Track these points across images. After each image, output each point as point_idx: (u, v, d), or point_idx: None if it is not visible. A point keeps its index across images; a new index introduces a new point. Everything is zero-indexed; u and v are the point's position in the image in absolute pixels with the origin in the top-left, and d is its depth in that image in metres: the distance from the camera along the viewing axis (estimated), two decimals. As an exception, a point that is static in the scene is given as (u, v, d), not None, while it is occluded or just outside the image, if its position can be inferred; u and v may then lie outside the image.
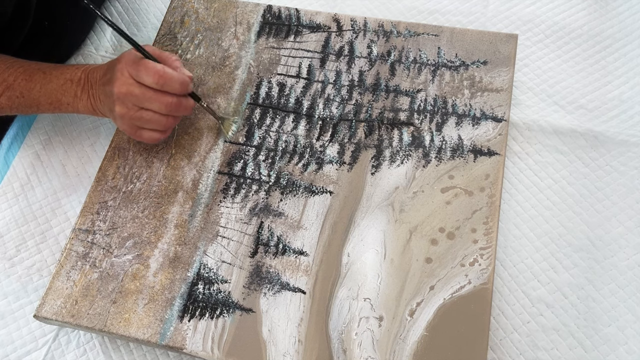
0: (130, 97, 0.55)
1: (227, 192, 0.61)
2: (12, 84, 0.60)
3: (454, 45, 0.66)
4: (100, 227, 0.60)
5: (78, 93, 0.60)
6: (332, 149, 0.62)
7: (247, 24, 0.70)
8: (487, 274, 0.54)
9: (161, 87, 0.55)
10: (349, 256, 0.56)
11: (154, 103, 0.56)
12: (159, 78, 0.54)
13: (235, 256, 0.57)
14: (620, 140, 0.65)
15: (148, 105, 0.56)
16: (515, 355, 0.56)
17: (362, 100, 0.64)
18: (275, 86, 0.66)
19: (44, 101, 0.61)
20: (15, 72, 0.60)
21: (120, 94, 0.55)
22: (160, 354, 0.59)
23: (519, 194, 0.63)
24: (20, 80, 0.60)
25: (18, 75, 0.60)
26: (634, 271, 0.59)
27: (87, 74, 0.60)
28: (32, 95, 0.60)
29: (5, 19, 0.62)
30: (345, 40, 0.68)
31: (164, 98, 0.56)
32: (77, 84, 0.60)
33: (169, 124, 0.58)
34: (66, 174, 0.69)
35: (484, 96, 0.63)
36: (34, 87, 0.60)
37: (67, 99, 0.60)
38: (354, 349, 0.52)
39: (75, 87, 0.60)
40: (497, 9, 0.75)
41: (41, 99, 0.60)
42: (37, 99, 0.60)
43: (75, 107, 0.61)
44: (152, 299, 0.55)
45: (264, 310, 0.54)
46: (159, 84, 0.55)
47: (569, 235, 0.61)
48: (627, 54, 0.70)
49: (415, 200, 0.58)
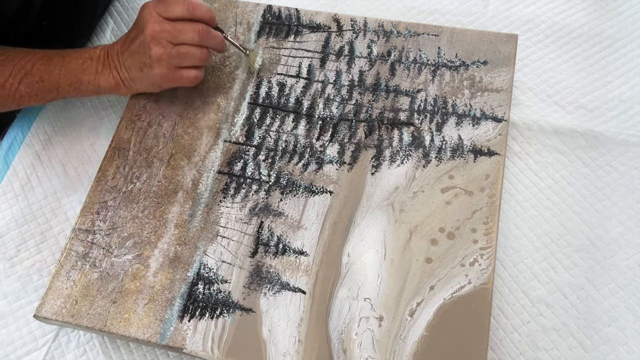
0: (164, 33, 0.57)
1: (227, 192, 0.60)
2: (31, 70, 0.60)
3: (454, 45, 0.66)
4: (100, 227, 0.60)
5: (99, 69, 0.61)
6: (332, 148, 0.62)
7: (247, 23, 0.70)
8: (487, 274, 0.54)
9: (191, 15, 0.57)
10: (349, 256, 0.56)
11: (187, 33, 0.57)
12: (189, 5, 0.57)
13: (235, 256, 0.57)
14: (620, 140, 0.65)
15: (182, 37, 0.57)
16: (515, 355, 0.56)
17: (362, 100, 0.64)
18: (275, 86, 0.66)
19: (64, 82, 0.61)
20: (32, 59, 0.61)
21: (155, 33, 0.57)
22: (160, 354, 0.59)
23: (519, 194, 0.63)
24: (39, 65, 0.61)
25: (36, 61, 0.61)
26: (634, 271, 0.59)
27: (106, 51, 0.61)
28: (52, 78, 0.61)
29: (5, 20, 0.62)
30: (345, 40, 0.68)
31: (195, 26, 0.58)
32: (97, 61, 0.61)
33: (203, 56, 0.60)
34: (66, 174, 0.69)
35: (484, 96, 0.63)
36: (53, 69, 0.61)
37: (88, 77, 0.61)
38: (354, 349, 0.52)
39: (96, 63, 0.61)
40: (497, 9, 0.75)
41: (61, 80, 0.61)
42: (56, 81, 0.61)
43: (96, 85, 0.61)
44: (152, 299, 0.55)
45: (264, 310, 0.54)
46: (189, 11, 0.57)
47: (569, 235, 0.61)
48: (627, 54, 0.70)
49: (416, 200, 0.58)
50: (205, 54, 0.60)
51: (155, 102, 0.66)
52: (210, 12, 0.59)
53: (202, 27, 0.58)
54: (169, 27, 0.57)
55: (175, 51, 0.58)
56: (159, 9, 0.57)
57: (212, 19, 0.60)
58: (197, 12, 0.58)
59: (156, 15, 0.57)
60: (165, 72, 0.59)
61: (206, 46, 0.60)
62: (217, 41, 0.61)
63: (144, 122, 0.65)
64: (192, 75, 0.60)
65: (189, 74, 0.60)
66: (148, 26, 0.57)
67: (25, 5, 0.63)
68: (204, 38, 0.59)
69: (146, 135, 0.65)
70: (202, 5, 0.58)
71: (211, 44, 0.60)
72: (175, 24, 0.57)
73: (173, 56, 0.58)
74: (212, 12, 0.60)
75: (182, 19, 0.58)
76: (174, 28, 0.57)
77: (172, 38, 0.57)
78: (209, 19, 0.59)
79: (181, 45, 0.58)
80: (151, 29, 0.57)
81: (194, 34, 0.58)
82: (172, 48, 0.58)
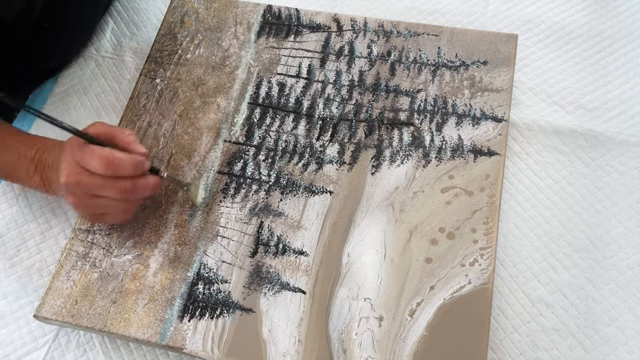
0: (80, 186, 0.51)
1: (227, 191, 0.60)
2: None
3: (454, 45, 0.66)
4: (100, 227, 0.60)
5: (31, 172, 0.56)
6: (332, 148, 0.62)
7: (247, 23, 0.70)
8: (487, 274, 0.54)
9: (111, 174, 0.50)
10: (349, 256, 0.56)
11: (106, 191, 0.51)
12: (107, 165, 0.49)
13: (235, 256, 0.57)
14: (620, 140, 0.65)
15: (101, 192, 0.51)
16: (515, 355, 0.56)
17: (362, 100, 0.64)
18: (275, 86, 0.66)
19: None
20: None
21: (70, 184, 0.51)
22: (160, 354, 0.59)
23: (519, 194, 0.63)
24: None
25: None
26: (634, 271, 0.59)
27: (40, 155, 0.56)
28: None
29: (6, 25, 0.62)
30: (345, 40, 0.68)
31: (116, 184, 0.50)
32: (30, 162, 0.56)
33: (129, 207, 0.54)
34: (66, 174, 0.69)
35: (484, 96, 0.63)
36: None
37: (21, 175, 0.57)
38: (354, 349, 0.52)
39: (28, 165, 0.56)
40: (497, 9, 0.75)
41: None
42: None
43: (29, 184, 0.58)
44: (152, 299, 0.55)
45: (264, 310, 0.54)
46: (108, 171, 0.49)
47: (569, 235, 0.61)
48: (627, 54, 0.70)
49: (415, 200, 0.58)
50: (131, 206, 0.55)
51: (156, 102, 0.66)
52: (135, 165, 0.50)
53: (126, 186, 0.51)
54: (86, 180, 0.50)
55: (92, 202, 0.52)
56: (78, 157, 0.50)
57: (139, 171, 0.51)
58: (119, 171, 0.50)
59: (74, 165, 0.50)
60: (84, 216, 0.55)
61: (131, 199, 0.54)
62: (149, 189, 0.53)
63: (144, 122, 0.65)
64: (117, 220, 0.56)
65: (113, 219, 0.55)
66: (63, 175, 0.51)
67: (26, 10, 0.63)
68: (128, 195, 0.52)
69: (146, 135, 0.65)
70: (123, 162, 0.50)
71: (138, 196, 0.53)
72: (94, 179, 0.50)
73: (90, 206, 0.53)
74: (139, 163, 0.51)
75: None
76: (92, 182, 0.50)
77: (89, 190, 0.51)
78: (134, 174, 0.51)
79: (100, 198, 0.51)
80: (66, 179, 0.50)
81: (113, 192, 0.51)
82: (90, 199, 0.52)
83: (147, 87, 0.68)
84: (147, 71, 0.69)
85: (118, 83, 0.74)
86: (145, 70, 0.69)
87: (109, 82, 0.74)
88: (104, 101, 0.73)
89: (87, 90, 0.74)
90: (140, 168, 0.51)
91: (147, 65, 0.69)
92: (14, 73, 0.70)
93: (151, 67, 0.69)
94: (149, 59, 0.70)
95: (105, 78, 0.75)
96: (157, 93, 0.67)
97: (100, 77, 0.75)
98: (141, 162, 0.51)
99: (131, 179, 0.51)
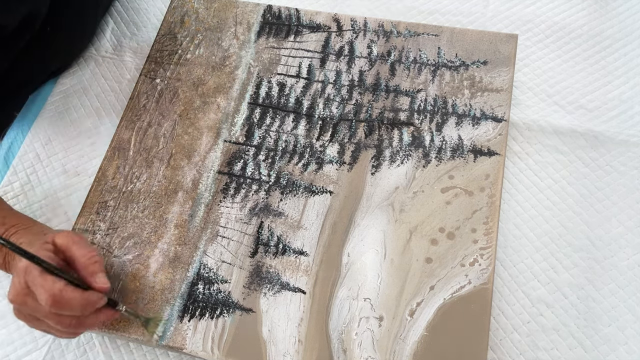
0: (25, 307, 0.48)
1: (227, 192, 0.60)
2: None
3: (454, 45, 0.66)
4: (100, 227, 0.60)
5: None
6: (332, 148, 0.62)
7: (247, 23, 0.70)
8: (487, 274, 0.54)
9: (56, 312, 0.46)
10: (349, 256, 0.56)
11: (50, 320, 0.48)
12: (53, 302, 0.45)
13: (235, 256, 0.57)
14: (620, 140, 0.65)
15: (45, 319, 0.48)
16: (515, 355, 0.56)
17: (362, 100, 0.64)
18: (275, 86, 0.66)
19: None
20: None
21: (15, 303, 0.48)
22: (160, 354, 0.59)
23: (519, 194, 0.63)
24: None
25: None
26: (634, 271, 0.59)
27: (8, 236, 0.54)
28: None
29: (8, 31, 0.61)
30: (345, 40, 0.68)
31: (61, 319, 0.47)
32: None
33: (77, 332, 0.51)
34: (66, 174, 0.69)
35: (484, 96, 0.63)
36: None
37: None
38: (354, 349, 0.52)
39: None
40: (497, 9, 0.75)
41: None
42: None
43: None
44: (152, 299, 0.55)
45: (264, 310, 0.54)
46: (53, 308, 0.46)
47: (569, 235, 0.61)
48: (627, 54, 0.70)
49: (415, 200, 0.58)
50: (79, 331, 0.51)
51: (156, 102, 0.66)
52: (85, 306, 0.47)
53: (71, 322, 0.48)
54: (32, 305, 0.47)
55: (36, 324, 0.49)
56: (29, 280, 0.46)
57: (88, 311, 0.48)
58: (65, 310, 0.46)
59: (24, 285, 0.47)
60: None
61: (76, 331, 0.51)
62: (98, 324, 0.51)
63: (144, 122, 0.65)
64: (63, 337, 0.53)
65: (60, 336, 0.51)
66: (11, 292, 0.48)
67: (29, 17, 0.62)
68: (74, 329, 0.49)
69: (146, 135, 0.65)
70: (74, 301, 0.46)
71: (86, 329, 0.51)
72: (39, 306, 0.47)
73: (34, 325, 0.50)
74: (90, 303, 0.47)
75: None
76: (37, 308, 0.47)
77: (33, 313, 0.48)
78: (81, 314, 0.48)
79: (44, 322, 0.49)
80: (12, 298, 0.48)
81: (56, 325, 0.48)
82: (34, 320, 0.49)
83: (147, 87, 0.68)
84: (147, 71, 0.69)
85: (118, 83, 0.74)
86: (145, 70, 0.69)
87: (109, 82, 0.74)
88: (104, 101, 0.73)
89: (87, 90, 0.74)
90: (89, 309, 0.48)
91: (147, 65, 0.69)
92: (15, 74, 0.69)
93: (151, 67, 0.69)
94: (149, 59, 0.70)
95: (105, 78, 0.75)
96: (157, 93, 0.67)
97: (100, 77, 0.75)
98: (92, 302, 0.48)
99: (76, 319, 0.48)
